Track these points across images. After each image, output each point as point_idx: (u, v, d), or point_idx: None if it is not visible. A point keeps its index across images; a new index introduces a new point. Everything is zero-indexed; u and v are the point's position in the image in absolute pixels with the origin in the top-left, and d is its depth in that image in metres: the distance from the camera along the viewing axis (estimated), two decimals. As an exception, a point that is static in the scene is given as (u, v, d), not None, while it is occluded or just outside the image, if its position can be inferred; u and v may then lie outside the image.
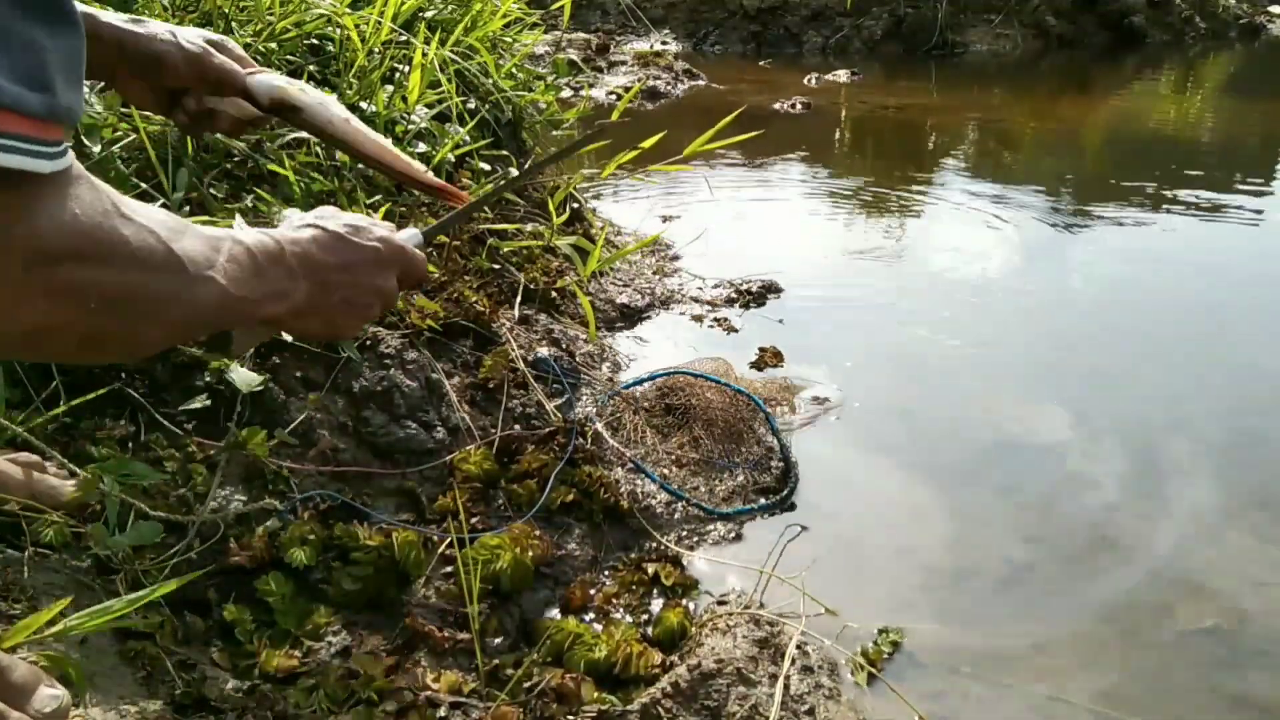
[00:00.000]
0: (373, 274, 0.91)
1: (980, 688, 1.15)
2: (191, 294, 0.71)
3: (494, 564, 1.19)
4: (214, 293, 0.73)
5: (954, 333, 2.17)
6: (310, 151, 1.59)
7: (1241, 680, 1.17)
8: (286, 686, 0.98)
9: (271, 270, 0.81)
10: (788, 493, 1.53)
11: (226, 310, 0.76)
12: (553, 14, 2.72)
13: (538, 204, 2.11)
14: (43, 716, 0.75)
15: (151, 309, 0.68)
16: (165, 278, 0.68)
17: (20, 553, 0.92)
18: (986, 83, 6.29)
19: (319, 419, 1.29)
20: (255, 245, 0.80)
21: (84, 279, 0.61)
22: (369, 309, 0.91)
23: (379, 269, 0.92)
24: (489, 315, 1.65)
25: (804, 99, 4.96)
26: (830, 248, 2.82)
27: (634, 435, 1.59)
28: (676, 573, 1.31)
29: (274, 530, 1.13)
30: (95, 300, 0.63)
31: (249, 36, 1.65)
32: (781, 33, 7.20)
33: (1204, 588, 1.33)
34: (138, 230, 0.66)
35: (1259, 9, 8.90)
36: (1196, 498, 1.55)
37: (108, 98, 1.33)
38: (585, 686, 1.06)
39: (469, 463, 1.37)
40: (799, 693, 1.10)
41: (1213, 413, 1.82)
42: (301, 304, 0.84)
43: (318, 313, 0.86)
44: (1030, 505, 1.54)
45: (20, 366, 1.07)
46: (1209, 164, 3.95)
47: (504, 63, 2.19)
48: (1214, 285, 2.47)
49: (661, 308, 2.25)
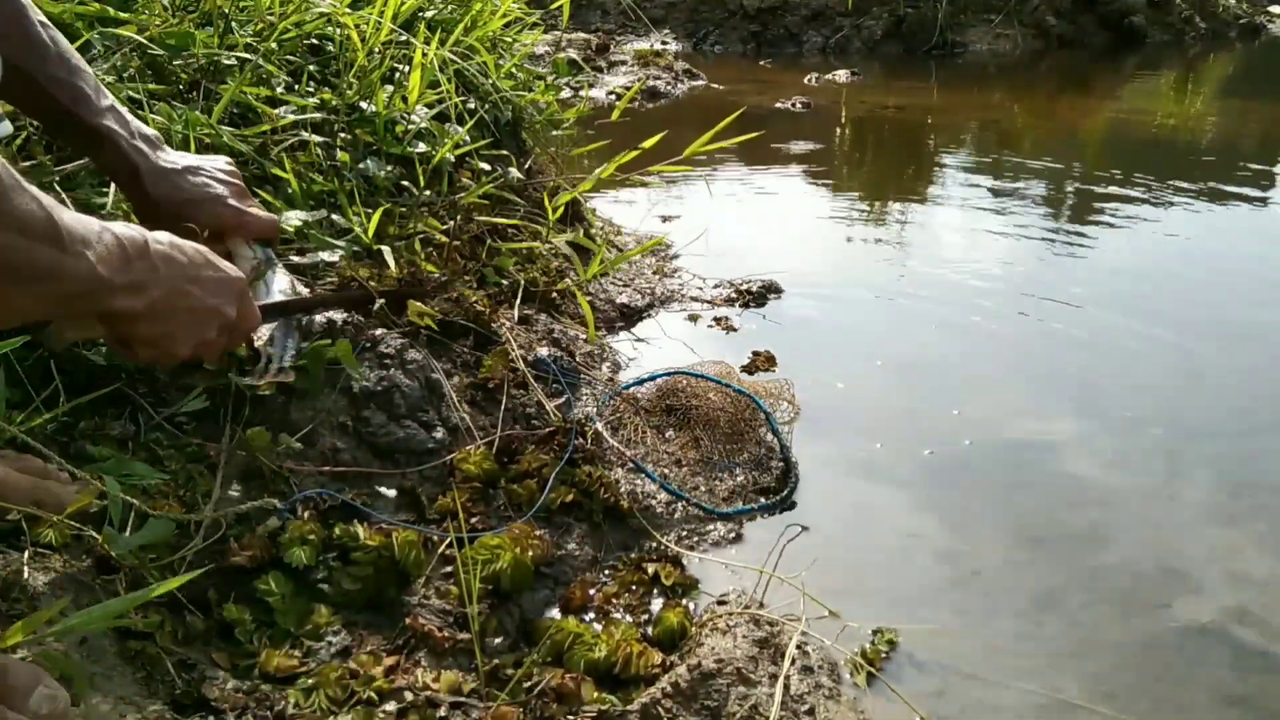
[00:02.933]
0: (221, 296, 0.96)
1: (980, 688, 1.15)
2: (64, 268, 0.74)
3: (494, 564, 1.19)
4: (84, 271, 0.76)
5: (954, 333, 2.18)
6: (311, 153, 1.59)
7: (1241, 680, 1.17)
8: (286, 686, 0.98)
9: (137, 262, 0.83)
10: (788, 493, 1.53)
11: (90, 292, 0.79)
12: (553, 14, 2.72)
13: (537, 204, 2.11)
14: (41, 716, 0.75)
15: (27, 275, 0.71)
16: (44, 248, 0.71)
17: (20, 553, 0.92)
18: (986, 83, 6.29)
19: (319, 419, 1.29)
20: (124, 235, 0.82)
21: None
22: (206, 328, 0.94)
23: (227, 295, 0.97)
24: (489, 315, 1.65)
25: (804, 99, 4.96)
26: (830, 247, 2.82)
27: (634, 435, 1.59)
28: (676, 572, 1.31)
29: (274, 530, 1.13)
30: None
31: (249, 36, 1.65)
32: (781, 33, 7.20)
33: (1204, 587, 1.33)
34: (25, 199, 0.69)
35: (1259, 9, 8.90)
36: (1196, 498, 1.55)
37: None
38: (585, 686, 1.06)
39: (469, 463, 1.37)
40: (799, 693, 1.10)
41: (1213, 413, 1.82)
42: (154, 302, 0.86)
43: (161, 318, 0.88)
44: (1030, 505, 1.54)
45: (20, 366, 1.07)
46: (1209, 164, 3.95)
47: (504, 63, 2.19)
48: (1214, 285, 2.47)
49: (661, 307, 2.25)
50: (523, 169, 2.13)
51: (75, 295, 0.78)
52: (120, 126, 1.08)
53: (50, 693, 0.76)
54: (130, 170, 1.09)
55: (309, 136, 1.60)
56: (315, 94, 1.69)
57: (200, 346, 0.95)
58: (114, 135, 1.07)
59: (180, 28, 1.52)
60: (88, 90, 1.05)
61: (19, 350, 1.05)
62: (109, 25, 1.46)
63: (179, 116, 1.40)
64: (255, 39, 1.66)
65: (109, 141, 1.07)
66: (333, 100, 1.70)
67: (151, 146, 1.12)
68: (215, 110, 1.45)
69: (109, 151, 1.08)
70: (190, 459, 1.15)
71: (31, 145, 1.30)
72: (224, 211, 1.17)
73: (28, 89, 1.02)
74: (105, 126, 1.06)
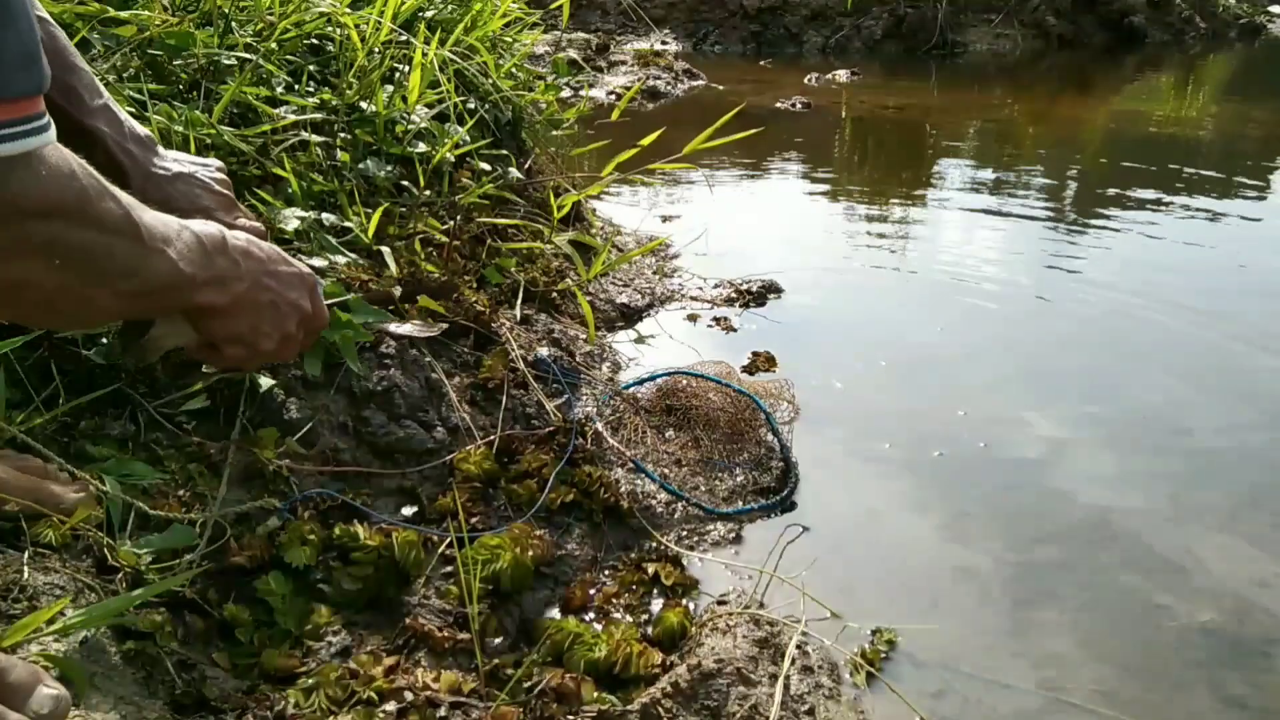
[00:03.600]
0: (298, 290, 0.98)
1: (980, 688, 1.15)
2: (147, 262, 0.75)
3: (494, 564, 1.19)
4: (166, 266, 0.78)
5: (954, 333, 2.18)
6: (311, 153, 1.59)
7: (1241, 680, 1.17)
8: (286, 686, 0.98)
9: (218, 257, 0.85)
10: (788, 493, 1.52)
11: (173, 287, 0.80)
12: (553, 14, 2.72)
13: (537, 204, 2.11)
14: (41, 716, 0.75)
15: (109, 270, 0.72)
16: (125, 242, 0.73)
17: (20, 553, 0.92)
18: (986, 83, 6.30)
19: (319, 419, 1.29)
20: (202, 232, 0.84)
21: (51, 233, 0.66)
22: (288, 322, 0.96)
23: (303, 288, 0.99)
24: (489, 315, 1.65)
25: (804, 99, 4.96)
26: (830, 247, 2.82)
27: (634, 435, 1.59)
28: (676, 572, 1.31)
29: (274, 530, 1.13)
30: (60, 255, 0.67)
31: (249, 36, 1.65)
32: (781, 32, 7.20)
33: (1204, 587, 1.33)
34: (102, 195, 0.70)
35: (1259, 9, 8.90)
36: (1196, 498, 1.55)
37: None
38: (585, 686, 1.06)
39: (469, 462, 1.37)
40: (799, 693, 1.10)
41: (1212, 413, 1.82)
42: (238, 296, 0.88)
43: (246, 312, 0.90)
44: (1030, 505, 1.54)
45: (20, 366, 1.07)
46: (1209, 164, 3.95)
47: (504, 62, 2.19)
48: (1214, 285, 2.47)
49: (661, 307, 2.25)
50: (523, 169, 2.13)
51: (158, 291, 0.79)
52: (112, 128, 1.08)
53: (51, 692, 0.76)
54: (118, 173, 1.08)
55: (309, 136, 1.60)
56: (315, 94, 1.69)
57: (283, 342, 0.97)
58: (104, 136, 1.07)
59: (180, 28, 1.52)
60: (81, 89, 1.05)
61: (19, 350, 1.05)
62: (109, 25, 1.46)
63: (179, 116, 1.40)
64: (255, 39, 1.66)
65: (99, 142, 1.06)
66: (333, 100, 1.70)
67: (144, 149, 1.12)
68: (216, 110, 1.45)
69: (99, 152, 1.08)
70: (190, 459, 1.15)
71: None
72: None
73: None
74: (96, 127, 1.06)
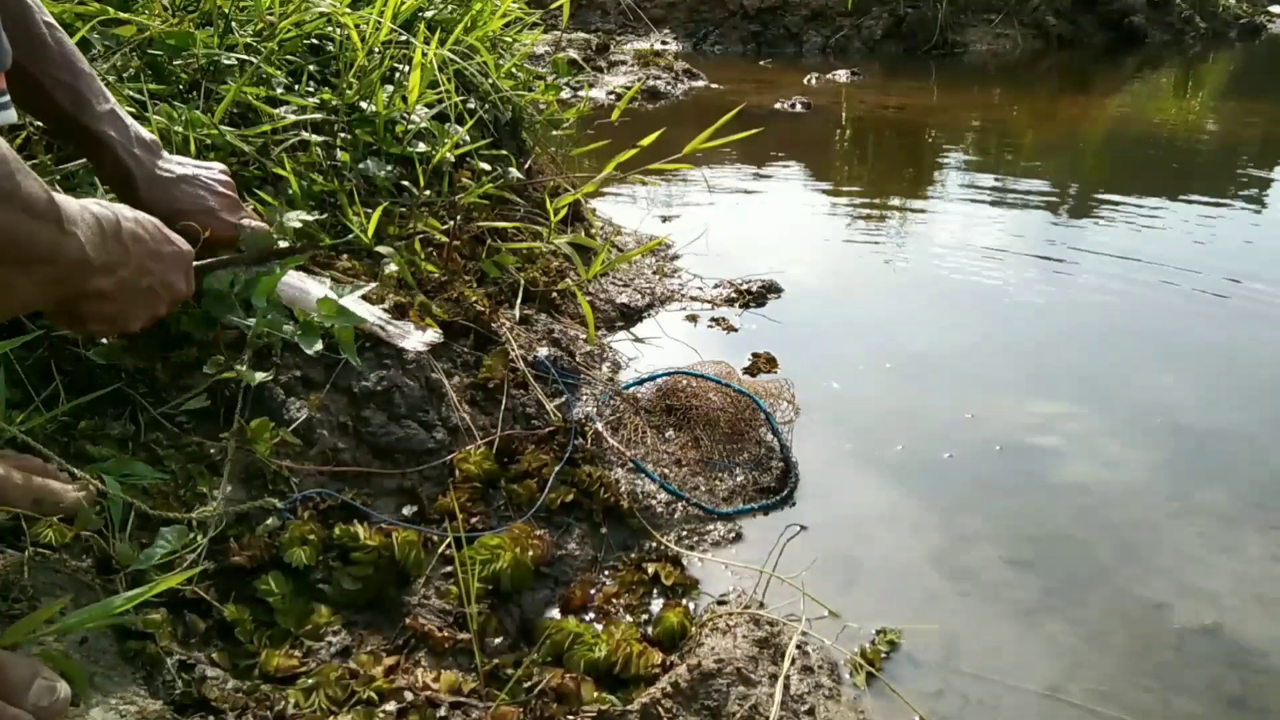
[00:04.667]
0: (176, 271, 0.96)
1: (980, 688, 1.15)
2: (62, 248, 0.73)
3: (494, 564, 1.19)
4: (75, 251, 0.75)
5: (955, 333, 2.18)
6: (311, 153, 1.59)
7: (1241, 680, 1.17)
8: (286, 686, 0.98)
9: (112, 241, 0.83)
10: (788, 493, 1.53)
11: (76, 274, 0.77)
12: (553, 14, 2.72)
13: (537, 204, 2.11)
14: (41, 709, 0.75)
15: (29, 256, 0.70)
16: (46, 227, 0.71)
17: (20, 553, 0.92)
18: (986, 83, 6.30)
19: (319, 419, 1.29)
20: (99, 213, 0.81)
21: None
22: (160, 304, 0.94)
23: (179, 269, 0.97)
24: (489, 315, 1.65)
25: (804, 99, 4.96)
26: (830, 247, 2.82)
27: (634, 435, 1.59)
28: (676, 572, 1.31)
29: (274, 530, 1.13)
30: None
31: (249, 37, 1.65)
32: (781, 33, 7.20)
33: (1204, 588, 1.33)
34: (26, 175, 0.68)
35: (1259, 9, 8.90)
36: (1196, 499, 1.55)
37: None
38: (585, 686, 1.06)
39: (469, 462, 1.37)
40: (799, 693, 1.10)
41: (1215, 412, 1.82)
42: (122, 281, 0.85)
43: (126, 296, 0.87)
44: (1030, 506, 1.54)
45: (20, 366, 1.07)
46: (1209, 164, 3.95)
47: (504, 62, 2.19)
48: (1214, 285, 2.47)
49: (661, 307, 2.25)
50: (523, 169, 2.13)
51: (64, 278, 0.76)
52: (118, 132, 1.09)
53: (49, 684, 0.76)
54: (124, 177, 1.10)
55: (309, 136, 1.60)
56: (315, 94, 1.69)
57: (149, 320, 0.95)
58: (111, 141, 1.08)
59: (180, 28, 1.52)
60: (89, 94, 1.06)
61: (19, 350, 1.05)
62: (109, 25, 1.46)
63: (180, 117, 1.40)
64: (255, 39, 1.66)
65: (106, 147, 1.08)
66: (333, 100, 1.70)
67: (149, 153, 1.13)
68: (217, 110, 1.45)
69: (106, 157, 1.09)
70: (190, 459, 1.15)
71: (33, 145, 1.30)
72: (216, 224, 1.19)
73: (30, 89, 1.02)
74: (104, 132, 1.07)
